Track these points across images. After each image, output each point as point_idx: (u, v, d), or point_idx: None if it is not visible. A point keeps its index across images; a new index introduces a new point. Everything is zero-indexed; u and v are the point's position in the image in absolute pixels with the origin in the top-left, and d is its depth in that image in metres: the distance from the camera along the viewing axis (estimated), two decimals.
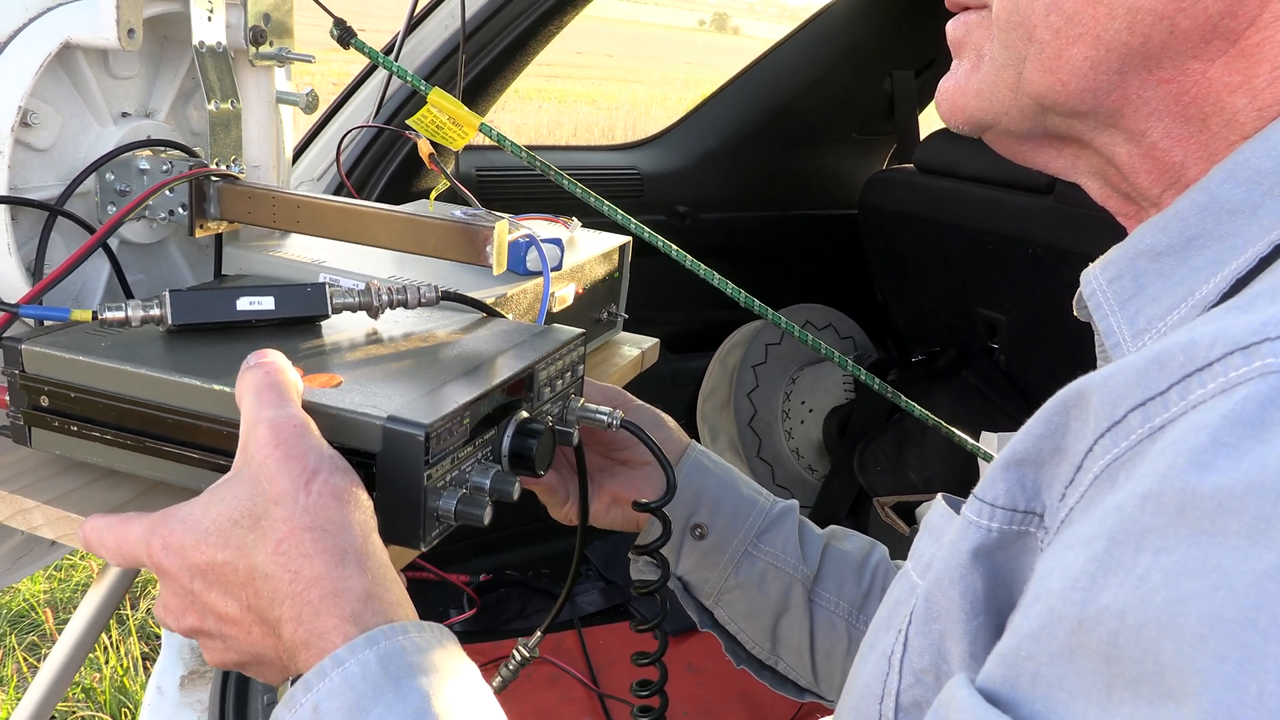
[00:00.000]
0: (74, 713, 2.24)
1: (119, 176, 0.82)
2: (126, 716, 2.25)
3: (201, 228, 0.85)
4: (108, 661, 2.35)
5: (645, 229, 1.07)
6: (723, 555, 0.88)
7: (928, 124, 2.74)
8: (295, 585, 0.53)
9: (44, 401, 0.68)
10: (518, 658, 0.91)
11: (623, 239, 1.10)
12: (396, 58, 1.52)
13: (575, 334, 0.79)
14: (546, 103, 13.68)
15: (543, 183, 1.18)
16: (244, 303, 0.72)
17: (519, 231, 0.92)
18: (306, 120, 1.57)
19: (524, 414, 0.70)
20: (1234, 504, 0.33)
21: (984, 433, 1.83)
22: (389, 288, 0.75)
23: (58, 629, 2.41)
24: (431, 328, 0.78)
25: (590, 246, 1.06)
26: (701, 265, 1.08)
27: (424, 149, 1.04)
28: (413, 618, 0.54)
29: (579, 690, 2.00)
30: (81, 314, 0.68)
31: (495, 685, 0.88)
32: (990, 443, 1.78)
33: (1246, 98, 0.47)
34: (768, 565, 0.88)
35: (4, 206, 0.75)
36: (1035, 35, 0.51)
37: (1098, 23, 0.49)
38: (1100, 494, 0.39)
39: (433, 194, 1.13)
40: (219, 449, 0.64)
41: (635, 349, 1.12)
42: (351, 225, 0.83)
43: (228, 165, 0.88)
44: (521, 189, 2.17)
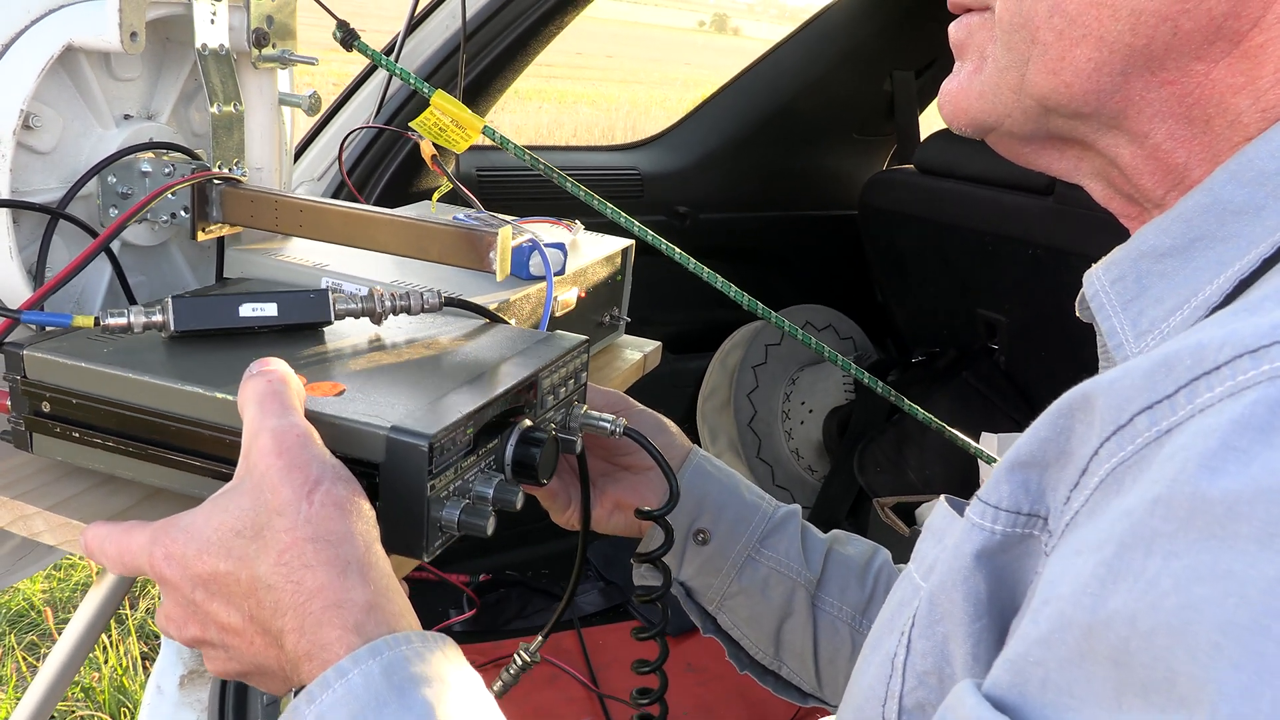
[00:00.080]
0: (73, 712, 2.24)
1: (121, 179, 0.82)
2: (126, 716, 2.25)
3: (204, 231, 0.85)
4: (107, 661, 2.34)
5: (645, 230, 1.07)
6: (725, 561, 0.88)
7: (928, 124, 2.74)
8: (298, 596, 0.52)
9: (46, 407, 0.68)
10: (519, 662, 0.91)
11: (625, 242, 1.10)
12: (397, 59, 1.52)
13: (578, 341, 0.79)
14: (546, 103, 13.67)
15: (543, 183, 1.18)
16: (247, 309, 0.72)
17: (522, 236, 0.92)
18: (307, 120, 1.56)
19: (527, 422, 0.69)
20: (1244, 508, 0.33)
21: (984, 434, 1.83)
22: (392, 293, 0.75)
23: (57, 629, 2.40)
24: (434, 334, 0.78)
25: (593, 250, 1.06)
26: (702, 266, 1.08)
27: (426, 150, 1.04)
28: (416, 628, 0.54)
29: (579, 690, 2.00)
30: (84, 320, 0.68)
31: (496, 689, 0.88)
32: (990, 444, 1.77)
33: (1250, 99, 0.47)
34: (771, 570, 0.88)
35: (6, 210, 0.74)
36: (1038, 37, 0.51)
37: (1101, 24, 0.49)
38: (1106, 498, 0.39)
39: (435, 195, 1.13)
40: (221, 457, 0.64)
41: (637, 352, 1.12)
42: (355, 230, 0.83)
43: (230, 168, 0.88)
44: (522, 189, 2.17)
